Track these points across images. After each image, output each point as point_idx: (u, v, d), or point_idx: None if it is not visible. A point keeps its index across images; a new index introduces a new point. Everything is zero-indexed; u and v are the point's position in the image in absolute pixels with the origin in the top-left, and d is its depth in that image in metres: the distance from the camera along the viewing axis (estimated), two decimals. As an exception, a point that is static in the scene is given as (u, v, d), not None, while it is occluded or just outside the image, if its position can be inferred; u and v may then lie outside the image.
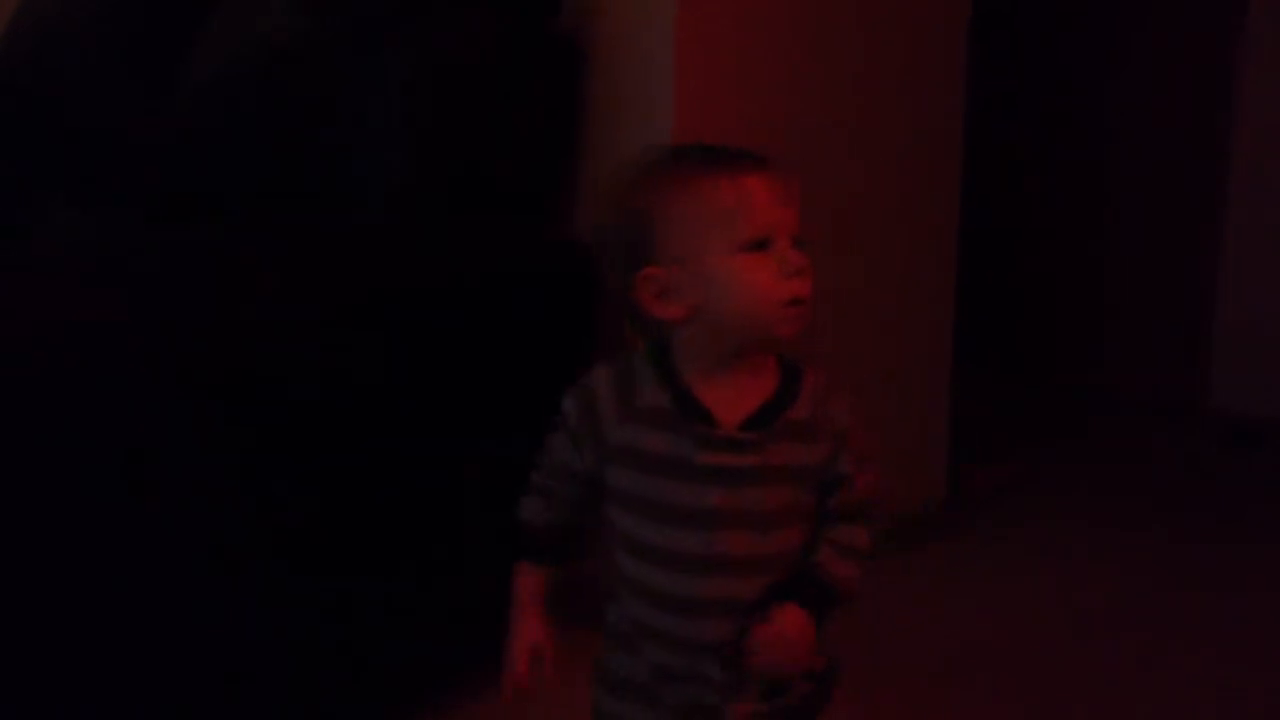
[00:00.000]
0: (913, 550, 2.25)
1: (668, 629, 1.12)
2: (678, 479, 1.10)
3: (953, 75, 2.26)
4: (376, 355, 1.56)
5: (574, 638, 1.21)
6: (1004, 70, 2.93)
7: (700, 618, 1.11)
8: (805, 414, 1.11)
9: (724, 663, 1.11)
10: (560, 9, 1.87)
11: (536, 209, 1.88)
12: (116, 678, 1.40)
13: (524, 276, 1.76)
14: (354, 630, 1.60)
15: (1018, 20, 3.06)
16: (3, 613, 1.31)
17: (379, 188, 1.77)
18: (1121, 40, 3.06)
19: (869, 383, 2.20)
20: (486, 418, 1.69)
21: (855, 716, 1.20)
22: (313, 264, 1.62)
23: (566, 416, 1.16)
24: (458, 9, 1.81)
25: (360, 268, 1.64)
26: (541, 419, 1.17)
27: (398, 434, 1.59)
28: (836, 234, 2.04)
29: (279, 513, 1.49)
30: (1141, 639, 2.00)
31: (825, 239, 2.02)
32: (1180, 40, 2.97)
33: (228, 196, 1.89)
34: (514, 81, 1.81)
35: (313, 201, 1.81)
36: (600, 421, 1.13)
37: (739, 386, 1.11)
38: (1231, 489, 2.62)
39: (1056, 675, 1.89)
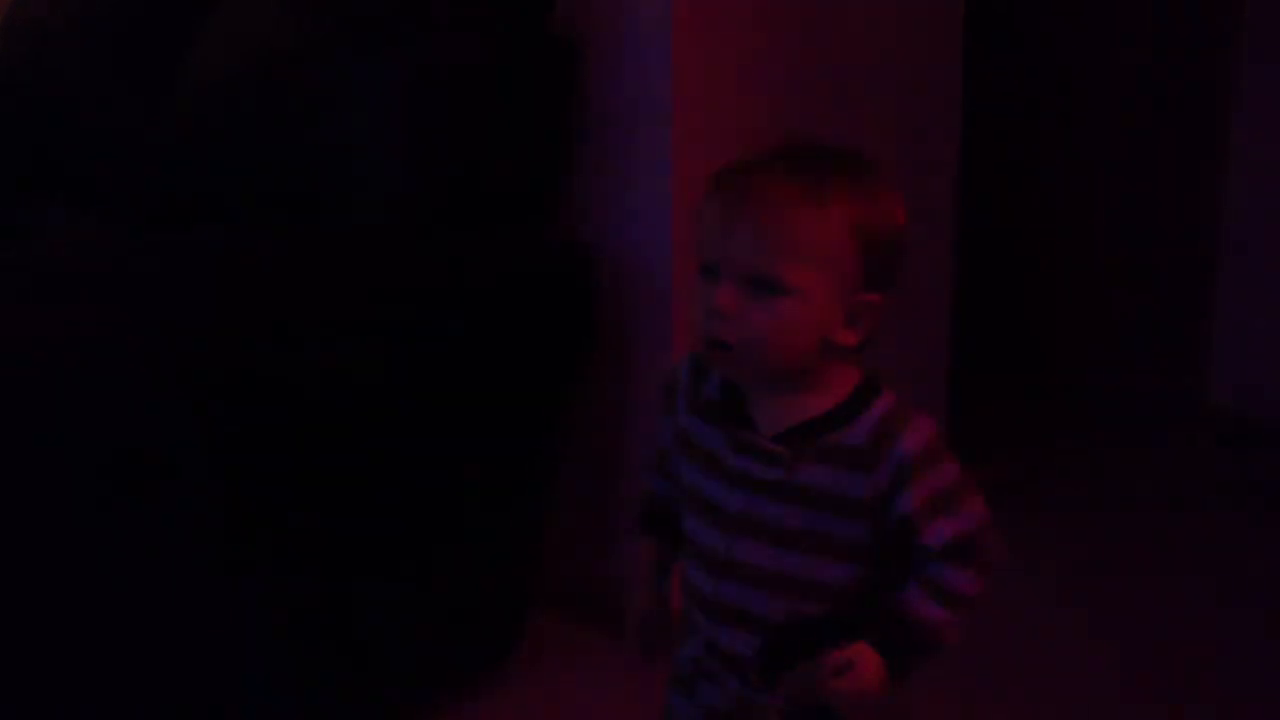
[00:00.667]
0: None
1: (698, 626, 1.12)
2: (712, 476, 1.08)
3: (951, 74, 2.26)
4: (376, 357, 1.56)
5: (572, 635, 1.21)
6: (1004, 69, 2.93)
7: (719, 622, 1.09)
8: (861, 441, 1.03)
9: (744, 676, 1.08)
10: (555, 9, 1.86)
11: (535, 210, 1.88)
12: (118, 677, 1.40)
13: (523, 278, 1.76)
14: (354, 630, 1.60)
15: (1017, 19, 3.05)
16: (6, 610, 1.31)
17: (378, 189, 1.77)
18: (1122, 38, 3.06)
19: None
20: (486, 418, 1.69)
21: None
22: (312, 266, 1.63)
23: (666, 397, 1.15)
24: (455, 10, 1.81)
25: (360, 270, 1.64)
26: (540, 419, 1.17)
27: (398, 435, 1.59)
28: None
29: (279, 513, 1.49)
30: (1141, 638, 2.00)
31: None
32: (1180, 39, 2.97)
33: (227, 198, 1.89)
34: (512, 82, 1.81)
35: (312, 203, 1.81)
36: (677, 407, 1.13)
37: (794, 397, 1.05)
38: (1231, 489, 2.62)
39: (1055, 674, 1.89)
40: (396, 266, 1.67)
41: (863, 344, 1.06)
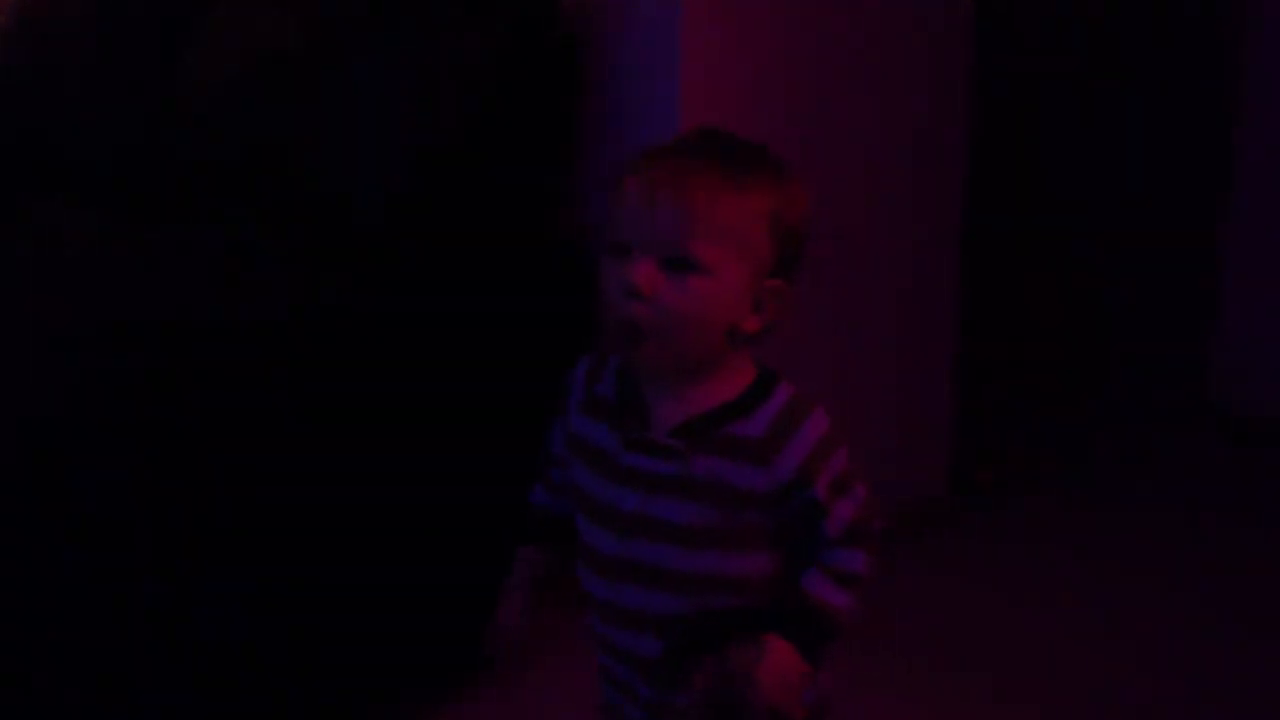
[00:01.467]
0: (913, 543, 2.24)
1: (600, 633, 1.10)
2: (604, 476, 1.06)
3: (956, 74, 2.25)
4: (375, 355, 1.56)
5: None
6: (1007, 67, 2.93)
7: (619, 626, 1.07)
8: (757, 433, 1.02)
9: (651, 680, 1.07)
10: (560, 8, 1.86)
11: (537, 208, 1.88)
12: (110, 676, 1.40)
13: (524, 276, 1.75)
14: (352, 629, 1.60)
15: (1019, 16, 3.05)
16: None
17: (380, 188, 1.77)
18: (1127, 36, 3.06)
19: (873, 376, 2.20)
20: (485, 416, 1.68)
21: (851, 707, 1.19)
22: (314, 265, 1.62)
23: (559, 401, 1.13)
24: (458, 9, 1.81)
25: (362, 269, 1.64)
26: (539, 418, 1.17)
27: (395, 432, 1.59)
28: (842, 229, 2.04)
29: (274, 509, 1.49)
30: (1141, 637, 2.00)
31: (829, 235, 2.02)
32: (1187, 38, 2.97)
33: (229, 196, 1.89)
34: (514, 81, 1.81)
35: (314, 202, 1.81)
36: (569, 407, 1.11)
37: (693, 390, 1.04)
38: (1233, 488, 2.62)
39: (1055, 673, 1.89)
40: (398, 266, 1.67)
41: (765, 330, 1.05)
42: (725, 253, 0.99)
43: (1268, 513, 2.50)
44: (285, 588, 1.51)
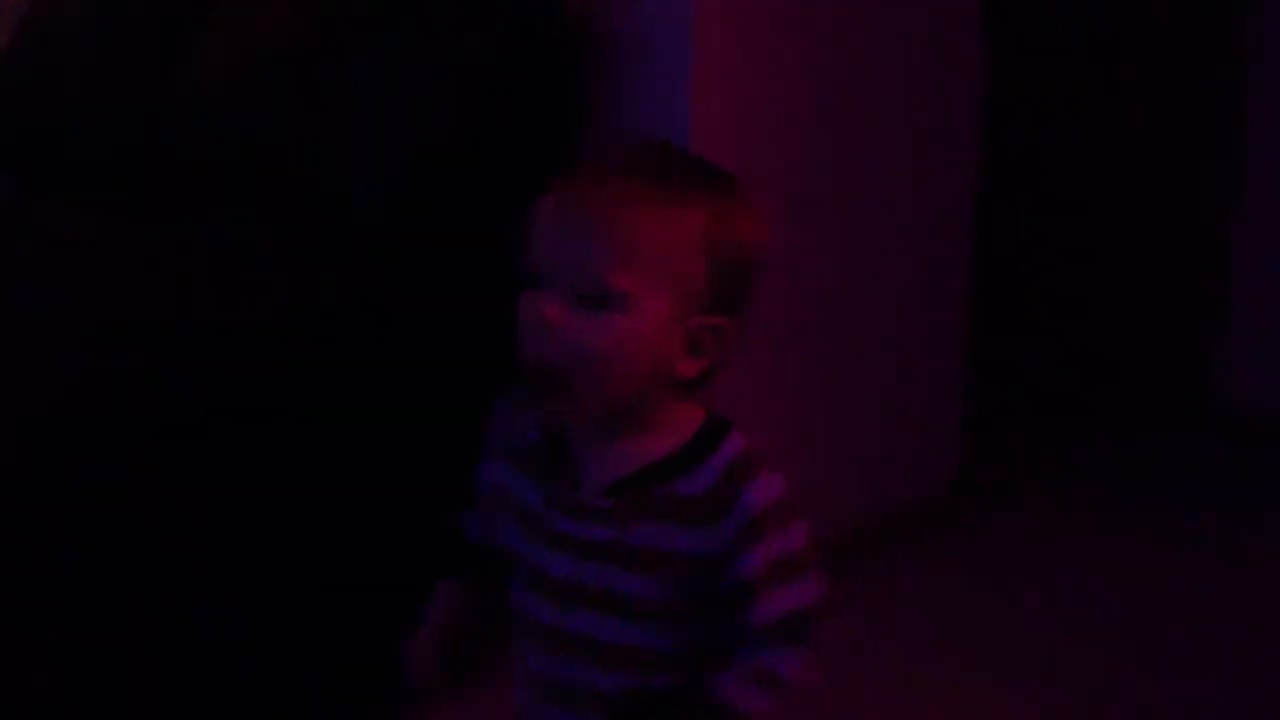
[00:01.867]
0: (913, 543, 2.25)
1: (528, 708, 0.99)
2: (532, 537, 0.95)
3: (969, 71, 2.25)
4: (376, 355, 1.56)
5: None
6: (1013, 68, 2.93)
7: (554, 702, 0.95)
8: (700, 491, 0.89)
9: None
10: (564, 7, 1.86)
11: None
12: (110, 676, 1.40)
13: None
14: (349, 626, 1.60)
15: (1024, 18, 3.05)
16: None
17: (380, 188, 1.77)
18: (1133, 38, 3.05)
19: (880, 374, 2.20)
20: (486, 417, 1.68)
21: (850, 706, 1.18)
22: (314, 265, 1.62)
23: (481, 443, 1.02)
24: (458, 10, 1.81)
25: (362, 269, 1.64)
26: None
27: (398, 434, 1.58)
28: (851, 230, 2.04)
29: (277, 512, 1.49)
30: (1141, 638, 2.00)
31: (838, 235, 2.02)
32: (1192, 40, 2.97)
33: (228, 197, 1.89)
34: (515, 81, 1.80)
35: (314, 202, 1.81)
36: (491, 452, 1.01)
37: (628, 441, 0.91)
38: (1233, 488, 2.62)
39: (1056, 672, 1.89)
40: (396, 265, 1.66)
41: (704, 376, 0.92)
42: (647, 283, 0.86)
43: (1268, 513, 2.50)
44: (285, 588, 1.51)
